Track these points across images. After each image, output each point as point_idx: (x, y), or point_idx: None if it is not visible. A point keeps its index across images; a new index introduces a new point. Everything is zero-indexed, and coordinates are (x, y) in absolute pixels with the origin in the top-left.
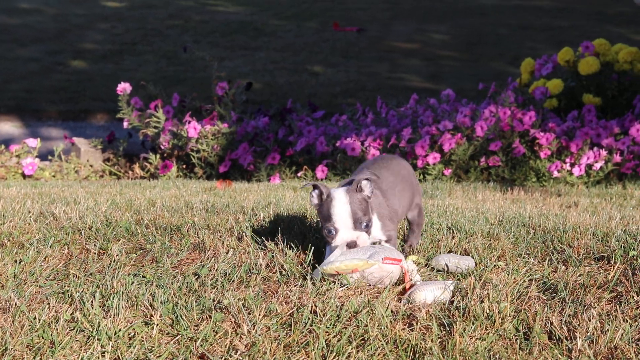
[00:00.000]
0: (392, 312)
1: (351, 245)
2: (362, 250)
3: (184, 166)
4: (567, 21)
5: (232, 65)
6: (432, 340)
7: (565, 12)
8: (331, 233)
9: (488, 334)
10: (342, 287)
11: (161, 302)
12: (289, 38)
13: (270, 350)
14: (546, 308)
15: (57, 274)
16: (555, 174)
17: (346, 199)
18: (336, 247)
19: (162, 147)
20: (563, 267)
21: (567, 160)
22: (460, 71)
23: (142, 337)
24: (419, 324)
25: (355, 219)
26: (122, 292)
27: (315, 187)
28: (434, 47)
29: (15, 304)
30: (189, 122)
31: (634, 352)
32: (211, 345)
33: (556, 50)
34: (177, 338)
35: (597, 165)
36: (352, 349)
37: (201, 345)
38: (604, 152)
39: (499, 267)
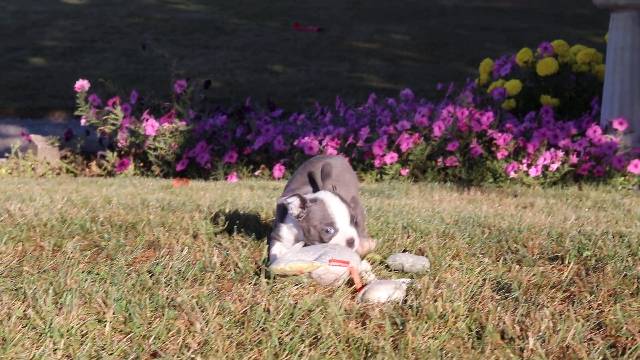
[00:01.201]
0: (345, 310)
1: (350, 242)
2: (313, 250)
3: (141, 164)
4: (527, 23)
5: (193, 64)
6: (384, 339)
7: (525, 13)
8: (329, 233)
9: (441, 333)
10: (296, 285)
11: (114, 300)
12: (250, 37)
13: (223, 348)
14: (499, 307)
15: (11, 270)
16: (512, 174)
17: (337, 198)
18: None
19: (120, 145)
20: (517, 266)
21: (524, 161)
22: (420, 71)
23: (94, 334)
24: (372, 322)
25: (351, 216)
26: (76, 290)
27: (297, 195)
28: (394, 47)
29: None
30: (147, 120)
31: (586, 351)
32: (164, 343)
33: (516, 52)
34: (129, 336)
35: (554, 166)
36: (304, 347)
37: (154, 343)
38: (560, 153)
39: (453, 267)
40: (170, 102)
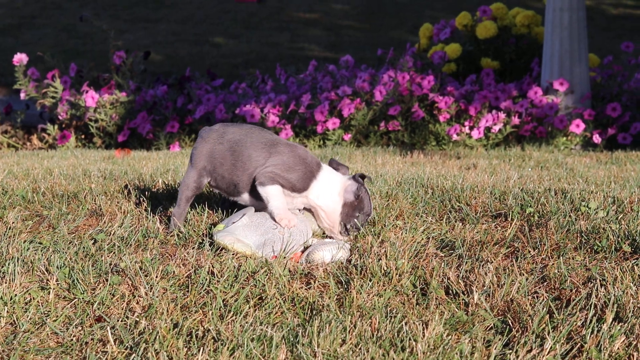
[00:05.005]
0: (289, 271)
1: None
2: (263, 228)
3: (83, 136)
4: None
5: (133, 38)
6: (329, 298)
7: None
8: (366, 221)
9: (385, 290)
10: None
11: (57, 267)
12: (190, 10)
13: (168, 310)
14: (443, 264)
15: None
16: (455, 137)
17: None
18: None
19: (60, 118)
20: (460, 224)
21: (466, 123)
22: (360, 40)
23: (38, 301)
24: (316, 282)
25: None
26: (18, 258)
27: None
28: (334, 17)
29: None
30: (87, 92)
31: (530, 304)
32: (108, 307)
33: (455, 18)
34: (73, 302)
35: (496, 128)
36: (249, 307)
37: (98, 308)
38: (502, 115)
39: (397, 226)
40: (110, 74)
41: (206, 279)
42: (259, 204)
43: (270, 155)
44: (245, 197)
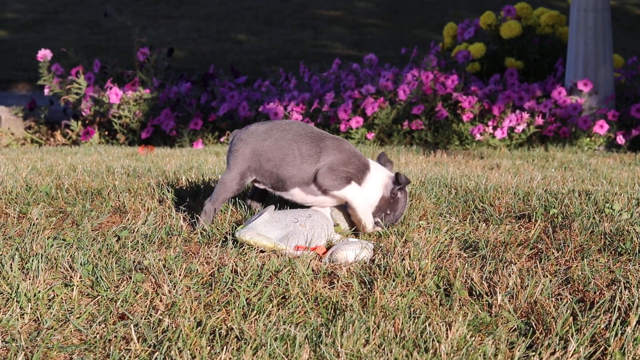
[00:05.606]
0: (313, 270)
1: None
2: (284, 222)
3: (106, 133)
4: None
5: (156, 34)
6: (352, 297)
7: None
8: (396, 222)
9: (409, 290)
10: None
11: (81, 264)
12: (212, 6)
13: (191, 309)
14: (467, 265)
15: None
16: (478, 137)
17: None
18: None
19: (84, 114)
20: (484, 225)
21: (490, 123)
22: (383, 39)
23: (61, 298)
24: (340, 281)
25: None
26: (42, 255)
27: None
28: (357, 14)
29: None
30: (111, 88)
31: (554, 305)
32: (131, 305)
33: (479, 17)
34: (97, 299)
35: (520, 128)
36: (272, 307)
37: (121, 306)
38: (526, 115)
39: (420, 226)
40: (134, 71)
41: (229, 278)
42: (308, 198)
43: (321, 149)
44: (293, 192)
